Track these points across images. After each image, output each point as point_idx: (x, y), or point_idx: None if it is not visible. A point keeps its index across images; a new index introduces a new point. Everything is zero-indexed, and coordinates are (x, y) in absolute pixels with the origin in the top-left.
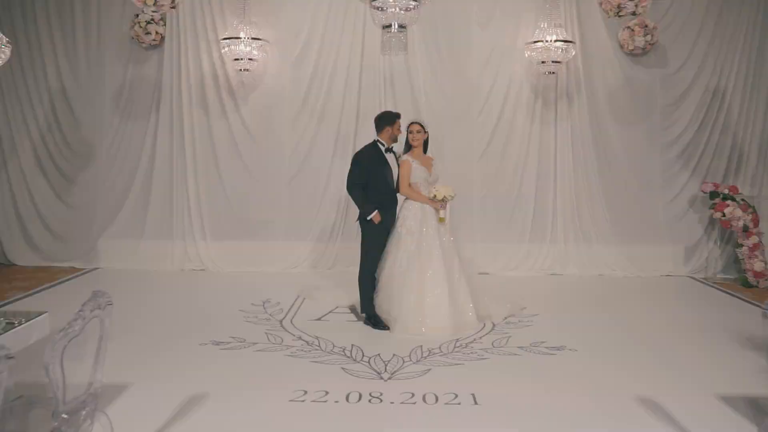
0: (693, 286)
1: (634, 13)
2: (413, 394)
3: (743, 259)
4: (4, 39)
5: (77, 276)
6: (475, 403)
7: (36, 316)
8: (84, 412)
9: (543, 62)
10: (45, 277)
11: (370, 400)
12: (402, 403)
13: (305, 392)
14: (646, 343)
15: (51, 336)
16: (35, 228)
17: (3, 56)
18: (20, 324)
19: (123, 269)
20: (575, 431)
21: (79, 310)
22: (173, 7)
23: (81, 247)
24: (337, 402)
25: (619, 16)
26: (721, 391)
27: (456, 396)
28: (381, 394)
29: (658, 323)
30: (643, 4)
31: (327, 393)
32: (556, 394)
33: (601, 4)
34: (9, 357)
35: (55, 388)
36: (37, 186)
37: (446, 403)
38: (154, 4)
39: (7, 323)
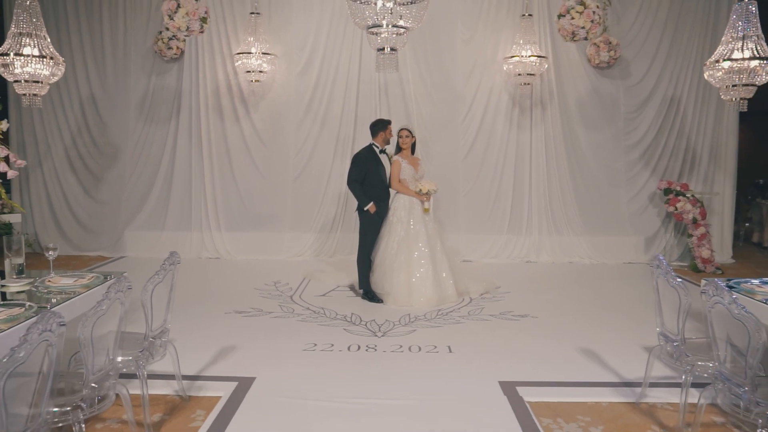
0: (651, 271)
1: (586, 38)
2: (401, 346)
3: (693, 247)
4: (61, 59)
5: (106, 263)
6: (450, 352)
7: (121, 274)
8: (160, 342)
9: (519, 74)
10: (78, 264)
11: (367, 350)
12: (392, 351)
13: (315, 344)
14: (597, 312)
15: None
16: (66, 221)
17: (59, 73)
18: (112, 278)
19: (146, 257)
20: (526, 368)
21: (162, 264)
22: (201, 32)
23: (108, 237)
24: (340, 351)
25: (574, 41)
26: (647, 344)
27: (435, 347)
28: (376, 346)
29: (612, 299)
30: (593, 31)
31: (332, 345)
32: (515, 345)
33: (559, 30)
34: (128, 288)
35: (147, 317)
36: (68, 183)
37: (427, 352)
38: (187, 29)
39: (104, 277)
